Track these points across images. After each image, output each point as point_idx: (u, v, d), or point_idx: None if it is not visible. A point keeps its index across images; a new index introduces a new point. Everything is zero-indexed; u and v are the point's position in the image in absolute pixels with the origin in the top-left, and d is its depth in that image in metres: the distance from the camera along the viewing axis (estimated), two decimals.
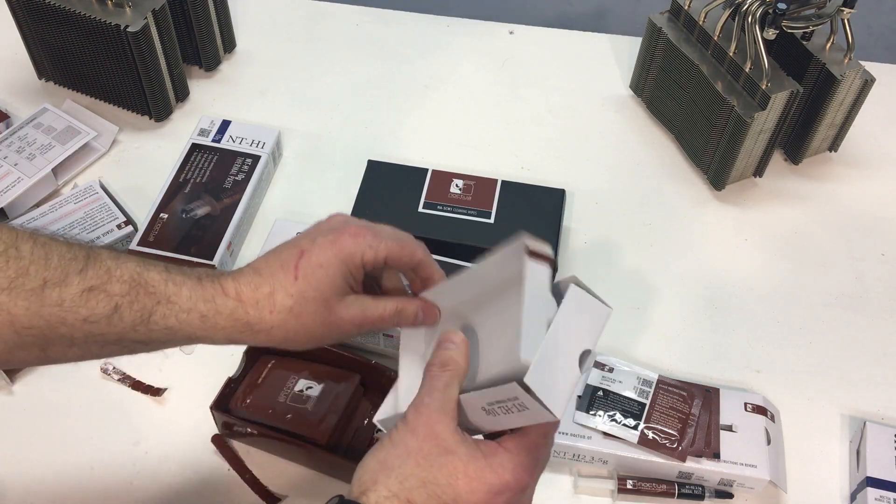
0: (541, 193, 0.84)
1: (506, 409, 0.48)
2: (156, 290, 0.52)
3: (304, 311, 0.54)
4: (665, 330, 0.81)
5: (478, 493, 0.48)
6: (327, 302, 0.55)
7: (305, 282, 0.55)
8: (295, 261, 0.55)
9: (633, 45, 1.04)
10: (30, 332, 0.50)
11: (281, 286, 0.54)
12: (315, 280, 0.55)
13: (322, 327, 0.55)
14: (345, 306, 0.56)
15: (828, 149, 0.95)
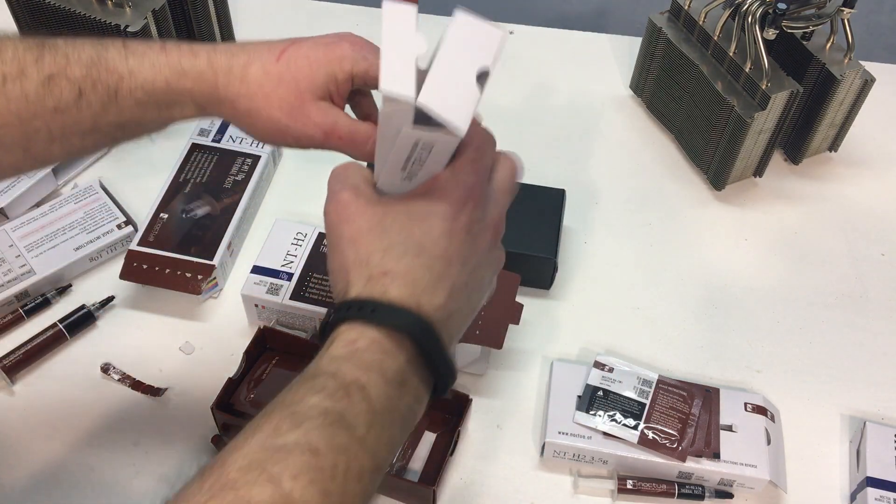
0: (541, 193, 0.84)
1: (420, 161, 0.45)
2: (116, 67, 0.52)
3: (274, 92, 0.53)
4: (665, 330, 0.81)
5: (435, 225, 0.46)
6: (301, 94, 0.53)
7: (286, 65, 0.53)
8: (283, 45, 0.54)
9: (633, 45, 1.04)
10: (5, 131, 0.50)
11: (259, 60, 0.53)
12: (296, 68, 0.53)
13: (288, 117, 0.53)
14: (317, 108, 0.54)
15: (828, 149, 0.95)
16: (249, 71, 0.53)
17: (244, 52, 0.53)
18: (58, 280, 0.81)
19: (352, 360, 0.43)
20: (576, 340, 0.80)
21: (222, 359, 0.75)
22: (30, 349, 0.75)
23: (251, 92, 0.53)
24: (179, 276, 0.78)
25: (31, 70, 0.50)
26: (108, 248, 0.83)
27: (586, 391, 0.71)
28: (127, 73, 0.52)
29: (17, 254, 0.80)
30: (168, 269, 0.78)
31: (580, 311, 0.82)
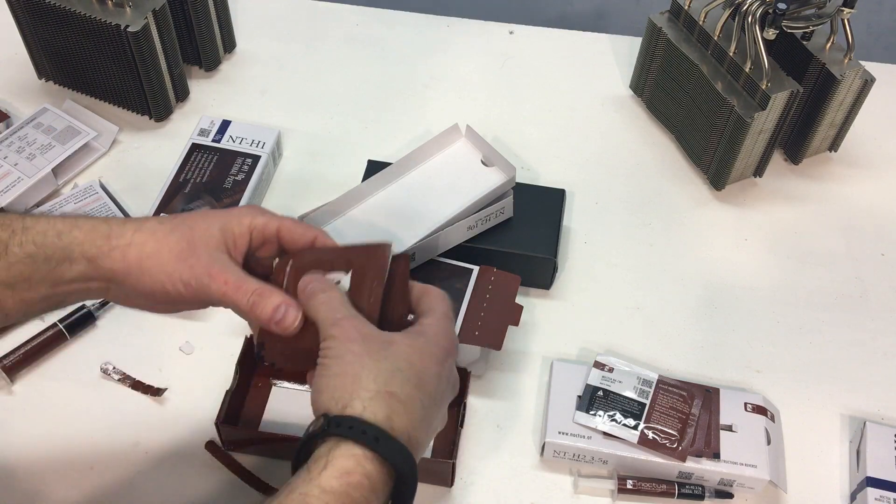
0: (541, 193, 0.84)
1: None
2: (11, 223, 0.54)
3: (168, 239, 0.54)
4: (665, 330, 0.81)
5: (431, 365, 0.51)
6: (194, 244, 0.54)
7: (181, 220, 0.55)
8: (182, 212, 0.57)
9: (633, 45, 1.04)
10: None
11: (155, 219, 0.56)
12: (191, 223, 0.55)
13: (182, 265, 0.53)
14: (212, 259, 0.54)
15: (828, 149, 0.95)
16: (143, 223, 0.55)
17: (141, 219, 0.56)
18: None
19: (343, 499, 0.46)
20: (576, 340, 0.80)
21: (222, 359, 0.75)
22: (30, 349, 0.75)
23: (142, 240, 0.54)
24: None
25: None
26: None
27: (586, 391, 0.71)
28: (20, 227, 0.53)
29: None
30: None
31: (580, 311, 0.82)
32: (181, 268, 0.53)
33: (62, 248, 0.53)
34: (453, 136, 0.83)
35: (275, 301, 0.53)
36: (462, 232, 0.78)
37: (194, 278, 0.53)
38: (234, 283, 0.54)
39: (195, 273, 0.53)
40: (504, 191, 0.79)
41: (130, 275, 0.54)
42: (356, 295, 0.55)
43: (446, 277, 0.77)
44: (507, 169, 0.78)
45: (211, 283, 0.53)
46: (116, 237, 0.54)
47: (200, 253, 0.54)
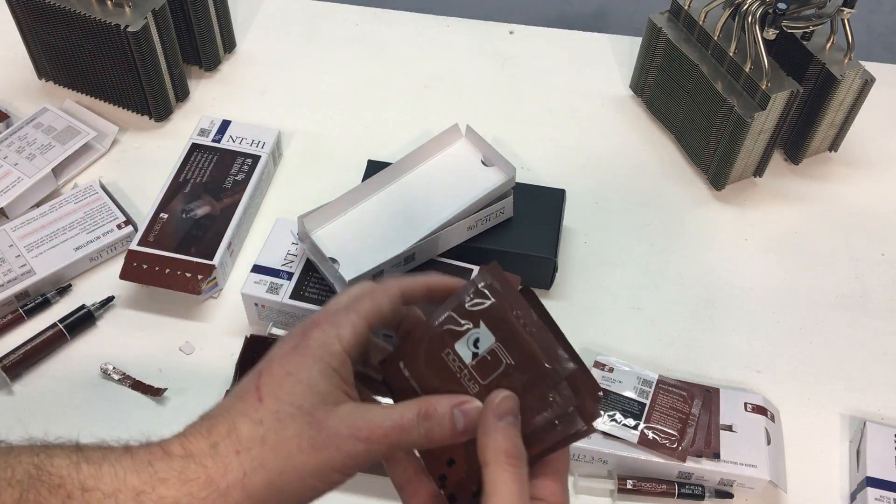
0: (541, 193, 0.84)
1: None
2: (63, 481, 0.39)
3: (282, 437, 0.40)
4: (665, 330, 0.81)
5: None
6: (312, 416, 0.41)
7: (274, 399, 0.41)
8: (255, 382, 0.42)
9: (633, 45, 1.04)
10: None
11: (242, 415, 0.41)
12: (287, 392, 0.41)
13: (315, 454, 0.40)
14: (340, 418, 0.41)
15: (828, 149, 0.95)
16: (240, 435, 0.40)
17: (220, 422, 0.41)
18: (58, 280, 0.81)
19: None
20: (576, 340, 0.79)
21: (222, 359, 0.75)
22: (30, 349, 0.75)
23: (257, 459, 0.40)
24: (179, 276, 0.78)
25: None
26: (108, 248, 0.83)
27: None
28: (78, 486, 0.39)
29: (17, 254, 0.80)
30: (168, 269, 0.78)
31: (580, 311, 0.82)
32: (324, 459, 0.40)
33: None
34: (453, 136, 0.83)
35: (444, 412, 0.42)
36: (462, 232, 0.78)
37: (342, 461, 0.41)
38: (393, 427, 0.41)
39: (343, 453, 0.41)
40: (504, 191, 0.79)
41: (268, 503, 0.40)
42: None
43: None
44: (507, 169, 0.78)
45: (370, 447, 0.41)
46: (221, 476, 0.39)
47: (331, 426, 0.41)
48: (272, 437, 0.40)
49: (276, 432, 0.40)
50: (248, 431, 0.40)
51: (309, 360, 0.42)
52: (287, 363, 0.42)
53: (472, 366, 0.43)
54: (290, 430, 0.40)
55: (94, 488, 0.38)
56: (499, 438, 0.40)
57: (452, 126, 0.82)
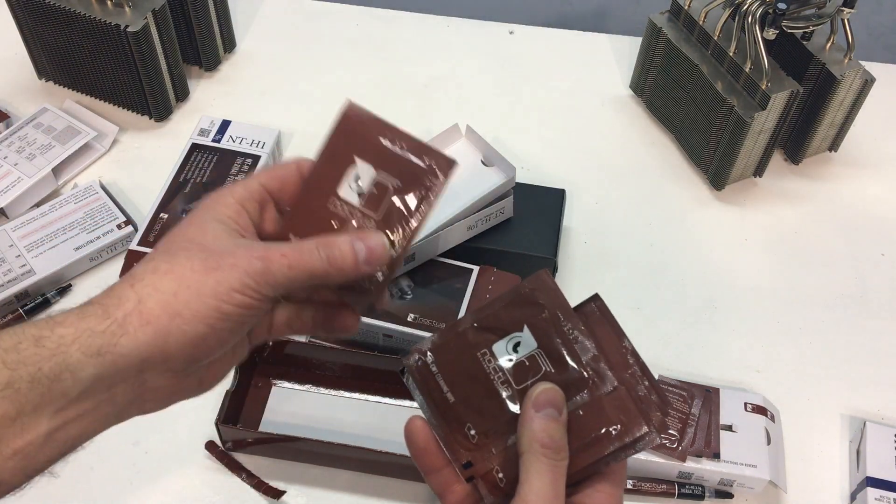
0: (541, 193, 0.84)
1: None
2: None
3: (174, 264, 0.40)
4: (665, 330, 0.81)
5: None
6: (203, 245, 0.41)
7: (167, 242, 0.42)
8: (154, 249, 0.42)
9: (633, 45, 1.04)
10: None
11: (138, 265, 0.41)
12: (180, 236, 0.42)
13: (209, 273, 0.39)
14: (235, 244, 0.41)
15: (828, 149, 0.95)
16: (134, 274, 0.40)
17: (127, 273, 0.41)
18: (58, 280, 0.81)
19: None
20: None
21: None
22: None
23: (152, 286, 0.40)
24: None
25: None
26: (108, 248, 0.83)
27: None
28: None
29: (17, 254, 0.80)
30: None
31: None
32: (220, 278, 0.40)
33: (50, 357, 0.37)
34: (453, 136, 0.83)
35: (344, 241, 0.42)
36: (462, 232, 0.78)
37: (247, 275, 0.40)
38: (291, 249, 0.41)
39: (239, 269, 0.40)
40: (504, 191, 0.79)
41: (170, 333, 0.39)
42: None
43: (446, 277, 0.77)
44: (507, 169, 0.78)
45: (268, 265, 0.40)
46: (116, 306, 0.39)
47: (224, 250, 0.41)
48: (164, 265, 0.40)
49: (168, 262, 0.40)
50: (141, 267, 0.40)
51: (200, 212, 0.43)
52: (182, 221, 0.43)
53: (509, 370, 0.44)
54: (181, 257, 0.40)
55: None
56: (535, 428, 0.41)
57: (452, 126, 0.82)
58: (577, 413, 0.43)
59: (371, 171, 0.44)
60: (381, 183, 0.44)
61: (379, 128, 0.45)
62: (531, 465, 0.40)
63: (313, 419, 0.72)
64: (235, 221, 0.43)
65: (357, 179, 0.45)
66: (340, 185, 0.44)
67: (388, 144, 0.45)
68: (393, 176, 0.44)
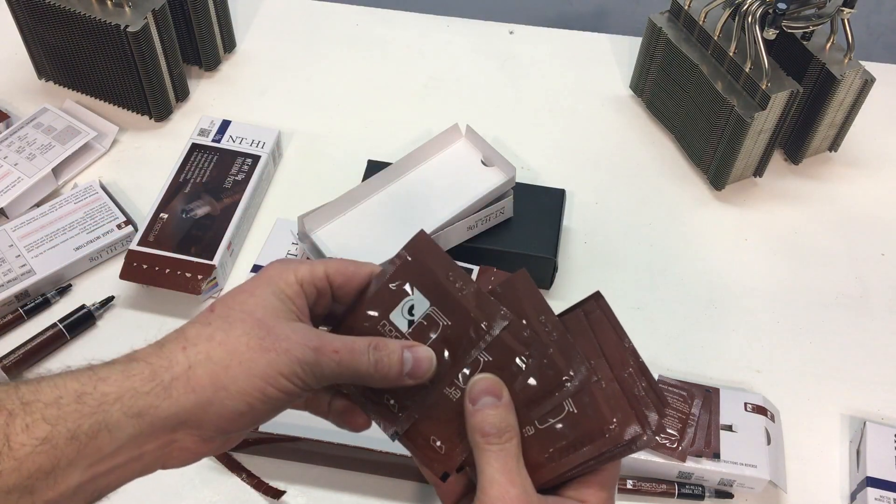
0: (541, 193, 0.84)
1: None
2: (2, 404, 0.37)
3: (230, 335, 0.40)
4: (665, 330, 0.81)
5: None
6: (262, 322, 0.41)
7: (225, 307, 0.42)
8: (208, 307, 0.43)
9: (633, 45, 1.04)
10: None
11: (192, 324, 0.42)
12: (239, 303, 0.42)
13: (263, 353, 0.40)
14: (291, 328, 0.42)
15: (828, 149, 0.95)
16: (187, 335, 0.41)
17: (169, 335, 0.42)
18: (58, 280, 0.81)
19: None
20: None
21: None
22: (30, 349, 0.75)
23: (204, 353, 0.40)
24: (179, 276, 0.78)
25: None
26: (108, 248, 0.83)
27: None
28: (18, 403, 0.37)
29: (17, 254, 0.80)
30: (168, 269, 0.78)
31: None
32: (272, 360, 0.40)
33: (91, 415, 0.38)
34: (453, 136, 0.83)
35: (395, 348, 0.43)
36: (462, 232, 0.78)
37: (298, 364, 0.41)
38: (344, 345, 0.42)
39: (291, 356, 0.41)
40: (504, 191, 0.79)
41: (212, 404, 0.40)
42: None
43: None
44: (507, 169, 0.78)
45: (320, 359, 0.41)
46: (166, 369, 0.39)
47: (280, 332, 0.41)
48: (220, 335, 0.40)
49: (224, 331, 0.40)
50: (196, 331, 0.41)
51: (263, 283, 0.43)
52: (242, 286, 0.43)
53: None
54: (238, 330, 0.41)
55: (35, 400, 0.37)
56: (475, 421, 0.42)
57: (452, 126, 0.82)
58: (570, 410, 0.43)
59: (426, 305, 0.45)
60: (432, 318, 0.45)
61: (444, 264, 0.46)
62: (479, 457, 0.42)
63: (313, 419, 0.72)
64: (294, 302, 0.43)
65: (411, 308, 0.45)
66: (394, 309, 0.45)
67: (448, 283, 0.45)
68: (445, 315, 0.45)
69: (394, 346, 0.43)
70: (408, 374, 0.43)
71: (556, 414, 0.43)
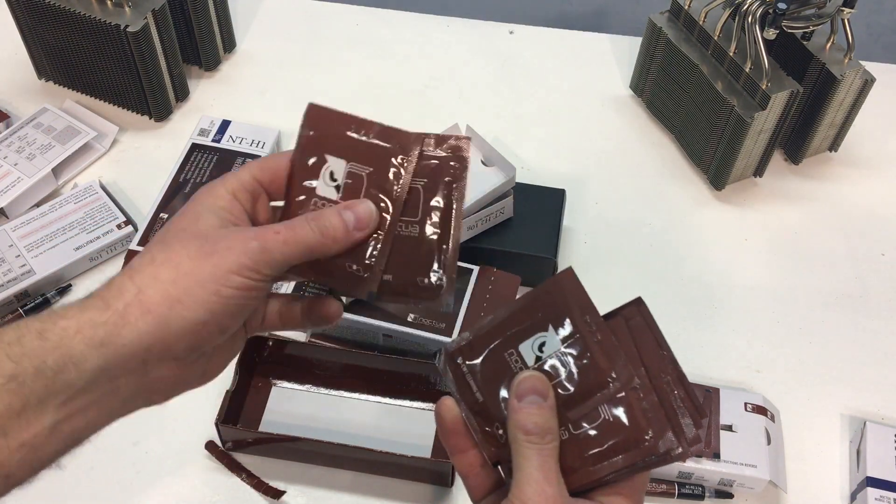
0: (541, 193, 0.84)
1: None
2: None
3: (170, 253, 0.41)
4: (665, 330, 0.81)
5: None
6: (198, 233, 0.42)
7: (162, 233, 0.42)
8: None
9: (633, 45, 1.04)
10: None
11: (135, 258, 0.42)
12: (174, 225, 0.42)
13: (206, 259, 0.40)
14: (230, 230, 0.42)
15: (828, 149, 0.95)
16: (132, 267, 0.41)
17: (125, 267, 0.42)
18: (58, 280, 0.81)
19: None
20: None
21: None
22: None
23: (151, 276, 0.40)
24: None
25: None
26: (108, 248, 0.83)
27: None
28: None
29: (17, 254, 0.80)
30: None
31: None
32: (217, 262, 0.40)
33: (54, 350, 0.38)
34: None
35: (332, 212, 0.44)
36: (462, 232, 0.78)
37: (245, 256, 0.41)
38: (283, 226, 0.42)
39: (235, 251, 0.41)
40: (504, 191, 0.79)
41: (170, 322, 0.40)
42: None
43: None
44: (507, 169, 0.78)
45: (265, 244, 0.41)
46: (116, 297, 0.40)
47: (218, 236, 0.42)
48: (160, 255, 0.41)
49: (164, 252, 0.41)
50: (139, 260, 0.41)
51: (193, 204, 0.43)
52: (174, 216, 0.44)
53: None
54: (177, 246, 0.41)
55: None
56: (518, 418, 0.42)
57: (452, 126, 0.82)
58: (606, 417, 0.43)
59: (343, 165, 0.46)
60: (354, 173, 0.46)
61: (344, 121, 0.47)
62: (518, 453, 0.42)
63: (313, 419, 0.73)
64: (228, 211, 0.44)
65: (332, 175, 0.46)
66: (317, 182, 0.46)
67: (354, 135, 0.46)
68: (364, 164, 0.46)
69: (331, 212, 0.44)
70: (355, 229, 0.44)
71: (593, 420, 0.43)
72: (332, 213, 0.43)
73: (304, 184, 0.46)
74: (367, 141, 0.46)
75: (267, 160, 0.46)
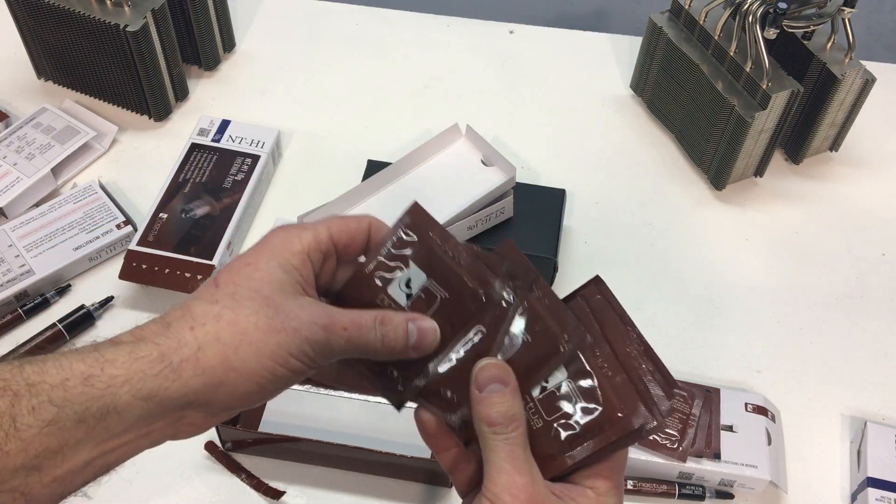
0: (541, 193, 0.84)
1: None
2: (7, 384, 0.36)
3: (238, 315, 0.39)
4: (665, 330, 0.81)
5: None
6: (269, 299, 0.40)
7: (231, 283, 0.41)
8: (213, 277, 0.42)
9: (633, 45, 1.04)
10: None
11: (197, 299, 0.40)
12: (245, 278, 0.41)
13: (272, 333, 0.39)
14: (300, 305, 0.41)
15: (828, 148, 0.95)
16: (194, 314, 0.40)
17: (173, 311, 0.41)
18: (57, 280, 0.81)
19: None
20: None
21: None
22: (29, 349, 0.75)
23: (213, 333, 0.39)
24: (179, 276, 0.78)
25: None
26: (107, 248, 0.83)
27: None
28: (23, 385, 0.36)
29: (17, 254, 0.80)
30: (167, 269, 0.78)
31: None
32: (282, 340, 0.40)
33: (99, 398, 0.37)
34: (453, 136, 0.83)
35: (400, 321, 0.43)
36: (462, 232, 0.78)
37: (307, 343, 0.40)
38: (352, 322, 0.41)
39: (301, 335, 0.40)
40: (504, 191, 0.79)
41: (221, 385, 0.39)
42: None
43: None
44: (507, 169, 0.78)
45: (330, 337, 0.41)
46: (174, 350, 0.38)
47: (289, 310, 0.40)
48: (228, 314, 0.39)
49: (233, 310, 0.39)
50: (203, 310, 0.40)
51: (268, 254, 0.42)
52: (246, 257, 0.42)
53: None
54: (247, 309, 0.40)
55: (40, 382, 0.37)
56: (481, 409, 0.42)
57: (452, 126, 0.82)
58: (578, 402, 0.43)
59: (422, 278, 0.45)
60: (430, 291, 0.45)
61: (439, 235, 0.46)
62: (486, 446, 0.42)
63: (313, 419, 0.72)
64: (300, 273, 0.42)
65: (408, 282, 0.45)
66: (391, 283, 0.45)
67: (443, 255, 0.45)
68: (442, 288, 0.45)
69: (399, 320, 0.43)
70: (412, 347, 0.43)
71: (565, 404, 0.43)
72: (399, 324, 0.43)
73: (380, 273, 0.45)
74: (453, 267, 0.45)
75: (347, 221, 0.45)
